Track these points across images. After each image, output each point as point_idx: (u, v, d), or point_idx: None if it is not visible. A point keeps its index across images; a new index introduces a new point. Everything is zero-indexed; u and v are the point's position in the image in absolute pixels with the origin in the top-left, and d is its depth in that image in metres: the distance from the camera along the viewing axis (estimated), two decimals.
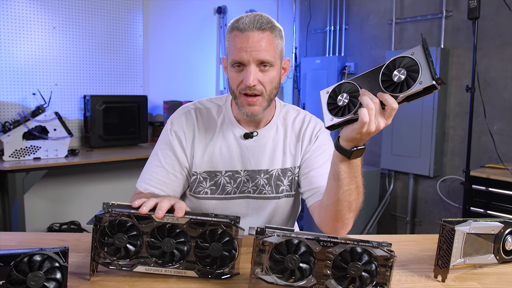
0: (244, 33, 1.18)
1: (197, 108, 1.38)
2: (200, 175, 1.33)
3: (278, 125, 1.37)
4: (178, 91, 4.01)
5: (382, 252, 0.86)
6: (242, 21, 1.19)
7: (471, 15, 2.86)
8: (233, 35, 1.20)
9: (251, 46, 1.17)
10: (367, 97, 0.94)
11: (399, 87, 0.92)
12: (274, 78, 1.23)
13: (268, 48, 1.18)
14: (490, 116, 3.20)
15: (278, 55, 1.23)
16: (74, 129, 3.44)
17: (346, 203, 1.12)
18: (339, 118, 0.99)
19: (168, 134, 1.35)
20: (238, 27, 1.19)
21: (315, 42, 4.75)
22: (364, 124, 0.94)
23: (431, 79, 0.88)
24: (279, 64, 1.25)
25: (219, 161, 1.33)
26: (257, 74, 1.19)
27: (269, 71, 1.21)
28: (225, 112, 1.36)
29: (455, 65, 3.54)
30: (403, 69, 0.91)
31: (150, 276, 0.95)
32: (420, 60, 0.89)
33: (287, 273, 0.87)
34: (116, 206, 0.92)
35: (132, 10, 3.70)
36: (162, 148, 1.35)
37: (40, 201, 3.30)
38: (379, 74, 0.95)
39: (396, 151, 3.80)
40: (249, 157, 1.33)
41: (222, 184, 1.33)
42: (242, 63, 1.19)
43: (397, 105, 0.93)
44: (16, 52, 3.17)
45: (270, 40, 1.19)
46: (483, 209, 2.95)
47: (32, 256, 0.78)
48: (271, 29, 1.20)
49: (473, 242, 1.02)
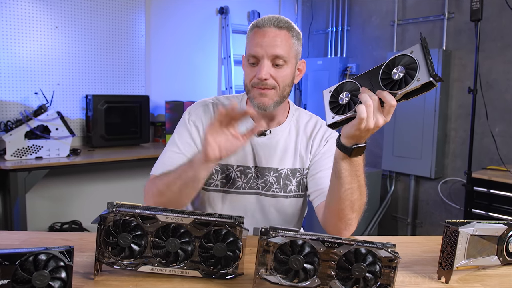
0: (262, 29, 1.23)
1: (214, 103, 1.40)
2: (213, 167, 1.34)
3: (291, 126, 1.39)
4: (180, 91, 4.01)
5: (386, 253, 0.86)
6: (262, 19, 1.25)
7: (474, 17, 2.85)
8: (253, 32, 1.26)
9: (266, 41, 1.21)
10: (366, 94, 0.96)
11: (398, 85, 0.94)
12: (287, 76, 1.25)
13: (282, 44, 1.22)
14: (492, 118, 3.20)
15: (293, 54, 1.26)
16: (76, 129, 3.44)
17: (348, 202, 1.12)
18: (340, 116, 1.01)
19: (186, 123, 1.36)
20: (258, 24, 1.25)
21: (317, 43, 4.76)
22: (362, 120, 0.95)
23: (429, 76, 0.89)
24: (293, 63, 1.27)
25: (232, 155, 1.33)
26: (270, 69, 1.22)
27: (282, 68, 1.23)
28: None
29: (457, 67, 3.54)
30: (401, 67, 0.93)
31: (154, 276, 0.95)
32: (418, 57, 0.92)
33: (292, 274, 0.87)
34: (120, 206, 0.92)
35: (134, 10, 3.70)
36: (180, 135, 1.35)
37: (41, 201, 3.30)
38: (379, 73, 0.97)
39: (397, 152, 3.80)
40: (260, 154, 1.35)
41: (233, 178, 1.35)
42: (256, 56, 1.22)
43: (395, 102, 0.95)
44: (19, 51, 3.17)
45: (286, 38, 1.23)
46: (485, 211, 2.94)
47: (37, 255, 0.78)
48: (288, 28, 1.24)
49: (476, 243, 1.02)
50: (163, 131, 3.81)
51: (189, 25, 4.07)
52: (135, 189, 3.36)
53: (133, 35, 3.73)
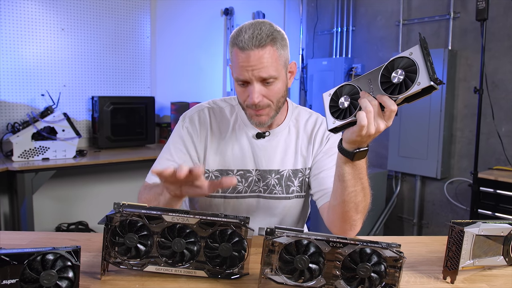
0: (244, 52, 1.15)
1: (210, 108, 1.39)
2: (212, 173, 1.34)
3: (290, 126, 1.38)
4: (185, 92, 4.02)
5: (391, 253, 0.86)
6: (241, 38, 1.15)
7: (480, 16, 2.84)
8: (235, 51, 1.18)
9: (252, 65, 1.15)
10: (365, 99, 0.94)
11: (398, 89, 0.91)
12: (279, 90, 1.22)
13: (270, 63, 1.16)
14: (498, 117, 3.19)
15: (282, 66, 1.20)
16: (82, 130, 3.46)
17: (352, 205, 1.12)
18: (340, 120, 0.99)
19: (180, 130, 1.36)
20: (238, 44, 1.16)
21: (322, 44, 4.75)
22: (362, 127, 0.94)
23: (429, 79, 0.87)
24: (284, 74, 1.23)
25: (231, 160, 1.33)
26: (261, 91, 1.19)
27: (273, 85, 1.20)
28: (238, 112, 1.37)
29: (463, 67, 3.52)
30: (401, 70, 0.91)
31: (160, 276, 0.95)
32: (418, 60, 0.89)
33: (297, 274, 0.88)
34: (126, 206, 0.93)
35: (140, 11, 3.72)
36: (175, 143, 1.35)
37: (48, 201, 3.32)
38: (378, 75, 0.94)
39: (403, 152, 3.79)
40: (260, 156, 1.34)
41: None
42: (245, 81, 1.19)
43: (396, 107, 0.93)
44: (25, 53, 3.20)
45: (272, 54, 1.16)
46: (491, 211, 2.93)
47: (45, 255, 0.79)
48: (271, 42, 1.16)
49: (482, 243, 1.02)
50: (169, 132, 3.82)
51: (194, 26, 4.08)
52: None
53: (138, 37, 3.74)
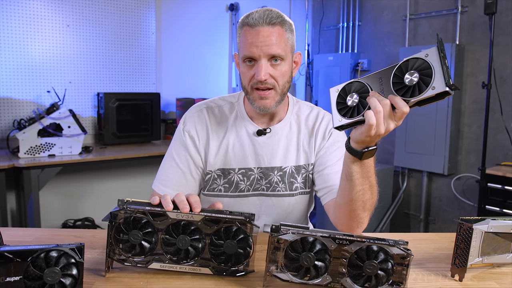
0: (254, 28, 1.18)
1: (208, 107, 1.37)
2: (215, 173, 1.33)
3: (291, 121, 1.36)
4: (190, 88, 4.02)
5: (398, 251, 0.85)
6: (252, 17, 1.19)
7: (488, 10, 2.80)
8: (244, 30, 1.20)
9: (261, 41, 1.17)
10: (375, 99, 0.91)
11: (411, 91, 0.88)
12: (285, 72, 1.22)
13: (278, 42, 1.18)
14: (507, 113, 3.15)
15: (289, 49, 1.22)
16: (88, 127, 3.47)
17: (360, 203, 1.11)
18: (347, 119, 0.96)
19: (181, 134, 1.35)
20: (248, 22, 1.19)
21: (328, 39, 4.72)
22: (371, 126, 0.92)
23: (445, 85, 0.83)
24: (290, 58, 1.24)
25: (232, 158, 1.32)
26: (268, 69, 1.19)
27: (280, 65, 1.20)
28: (237, 109, 1.36)
29: (471, 62, 3.48)
30: (415, 72, 0.87)
31: (165, 273, 0.95)
32: (434, 63, 0.85)
33: (302, 271, 0.87)
34: (131, 203, 0.92)
35: (145, 7, 3.72)
36: (177, 148, 1.34)
37: (54, 198, 3.34)
38: (390, 75, 0.91)
39: (409, 148, 3.77)
40: (262, 154, 1.32)
41: (236, 181, 1.33)
42: (253, 58, 1.19)
43: (408, 109, 0.90)
44: (31, 50, 3.21)
45: (281, 34, 1.19)
46: (499, 207, 2.90)
47: (49, 252, 0.78)
48: (281, 23, 1.20)
49: (491, 241, 1.00)
50: (174, 128, 3.83)
51: (199, 22, 4.07)
52: (147, 186, 3.36)
53: (143, 33, 3.74)
